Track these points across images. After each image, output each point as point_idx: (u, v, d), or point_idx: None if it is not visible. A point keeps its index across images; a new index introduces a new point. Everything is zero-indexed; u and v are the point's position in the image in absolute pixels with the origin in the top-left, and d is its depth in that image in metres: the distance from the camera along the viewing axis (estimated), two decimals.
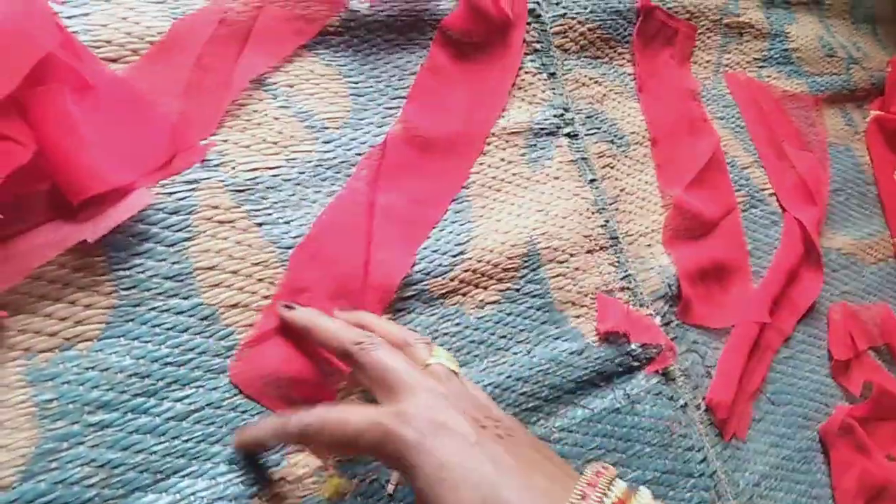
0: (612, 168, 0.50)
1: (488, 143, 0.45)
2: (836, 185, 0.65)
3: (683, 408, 0.46)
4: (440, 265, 0.40)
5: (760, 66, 0.64)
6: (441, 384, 0.30)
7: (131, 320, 0.32)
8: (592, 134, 0.50)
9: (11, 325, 0.29)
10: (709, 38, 0.61)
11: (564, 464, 0.29)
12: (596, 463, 0.27)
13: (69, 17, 0.34)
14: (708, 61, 0.61)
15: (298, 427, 0.29)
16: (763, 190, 0.59)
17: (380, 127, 0.41)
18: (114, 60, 0.35)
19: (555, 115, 0.48)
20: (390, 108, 0.42)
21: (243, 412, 0.33)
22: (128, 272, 0.32)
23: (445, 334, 0.39)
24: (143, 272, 0.32)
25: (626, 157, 0.52)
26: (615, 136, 0.52)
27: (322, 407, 0.30)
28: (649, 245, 0.50)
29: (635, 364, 0.45)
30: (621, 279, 0.47)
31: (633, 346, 0.45)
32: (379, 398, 0.30)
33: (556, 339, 0.43)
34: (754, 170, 0.59)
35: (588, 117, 0.50)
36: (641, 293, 0.47)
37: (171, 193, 0.34)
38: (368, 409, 0.29)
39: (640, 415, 0.44)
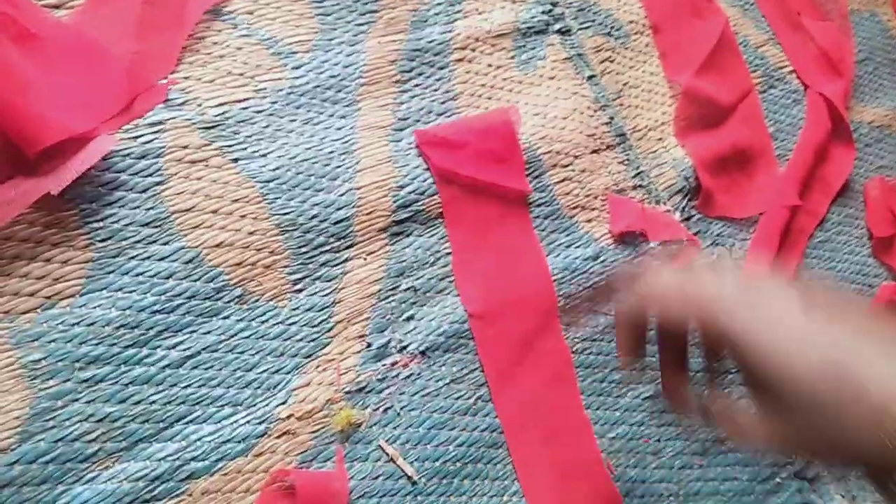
0: (611, 62, 0.47)
1: (472, 50, 0.42)
2: (862, 54, 0.60)
3: None
4: (434, 183, 0.38)
5: None
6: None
7: (112, 272, 0.31)
8: (586, 27, 0.47)
9: None
10: None
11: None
12: None
13: None
14: None
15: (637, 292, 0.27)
16: (781, 68, 0.55)
17: (351, 45, 0.39)
18: (56, 7, 0.33)
19: (542, 12, 0.45)
20: (360, 24, 0.39)
21: (241, 353, 0.32)
22: (101, 223, 0.31)
23: (447, 254, 0.37)
24: (117, 222, 0.31)
25: (626, 48, 0.48)
26: (612, 27, 0.48)
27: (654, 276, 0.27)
28: (660, 139, 0.47)
29: (656, 263, 0.42)
30: (633, 177, 0.44)
31: (651, 244, 0.42)
32: None
33: (568, 246, 0.41)
34: (769, 47, 0.55)
35: (580, 10, 0.47)
36: (656, 189, 0.44)
37: (136, 138, 0.32)
38: (697, 294, 0.25)
39: None
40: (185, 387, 0.30)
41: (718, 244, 0.46)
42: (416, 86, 0.40)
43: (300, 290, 0.34)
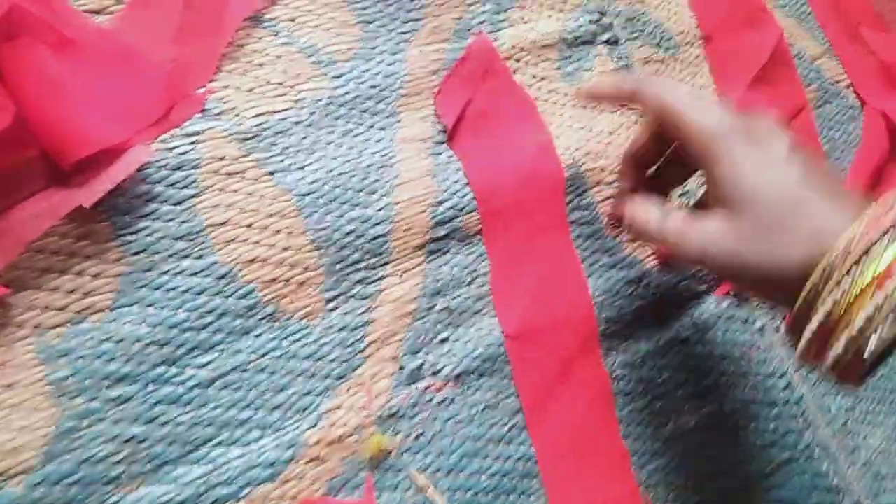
0: (660, 73, 0.45)
1: (517, 60, 0.41)
2: None
3: (760, 331, 0.42)
4: (473, 199, 0.37)
5: None
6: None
7: (143, 286, 0.30)
8: (635, 38, 0.45)
9: (17, 302, 0.28)
10: None
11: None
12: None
13: None
14: None
15: (634, 88, 0.31)
16: (838, 82, 0.52)
17: (393, 54, 0.37)
18: (97, 12, 0.32)
19: (590, 21, 0.43)
20: (403, 33, 0.38)
21: (272, 373, 0.31)
22: (134, 236, 0.30)
23: (485, 273, 0.36)
24: (150, 235, 0.30)
25: (675, 60, 0.46)
26: (661, 37, 0.46)
27: (656, 84, 0.31)
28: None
29: (702, 288, 0.41)
30: (679, 195, 0.42)
31: (698, 268, 0.40)
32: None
33: (611, 268, 0.39)
34: (826, 60, 0.52)
35: (629, 20, 0.45)
36: None
37: (171, 148, 0.32)
38: (696, 96, 0.29)
39: (712, 343, 0.40)
40: (214, 408, 0.30)
41: None
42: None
43: (333, 309, 0.33)
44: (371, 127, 0.36)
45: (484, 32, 0.40)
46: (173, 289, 0.30)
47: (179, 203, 0.31)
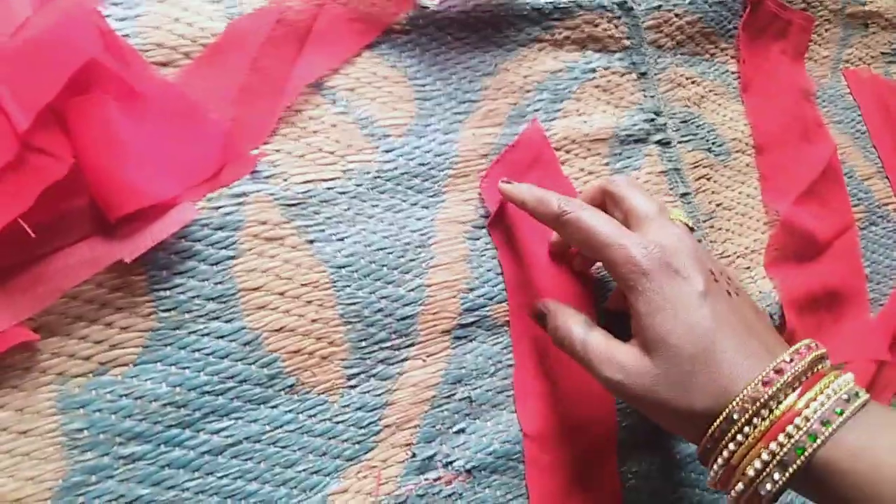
0: (708, 180, 0.45)
1: (567, 152, 0.41)
2: None
3: None
4: (504, 289, 0.36)
5: (889, 62, 0.56)
6: (682, 233, 0.31)
7: (170, 344, 0.30)
8: (687, 141, 0.45)
9: (45, 347, 0.28)
10: (827, 30, 0.54)
11: (780, 336, 0.30)
12: (809, 340, 0.28)
13: (120, 20, 0.32)
14: (825, 57, 0.53)
15: (559, 211, 0.31)
16: (887, 204, 0.52)
17: (446, 134, 0.38)
18: (164, 65, 0.33)
19: (645, 120, 0.43)
20: (458, 114, 0.38)
21: (283, 447, 0.31)
22: (168, 292, 0.30)
23: (510, 366, 0.36)
24: (184, 293, 0.30)
25: (725, 166, 0.46)
26: (713, 143, 0.46)
27: (583, 206, 0.31)
28: (748, 267, 0.44)
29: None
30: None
31: None
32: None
33: None
34: (876, 181, 0.52)
35: (683, 122, 0.45)
36: None
37: (217, 208, 0.32)
38: (618, 229, 0.30)
39: None
40: (221, 477, 0.29)
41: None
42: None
43: (353, 387, 0.33)
44: (415, 204, 0.36)
45: (538, 119, 0.40)
46: (198, 350, 0.30)
47: (216, 264, 0.31)
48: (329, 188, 0.34)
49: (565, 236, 0.32)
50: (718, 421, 0.26)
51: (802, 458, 0.25)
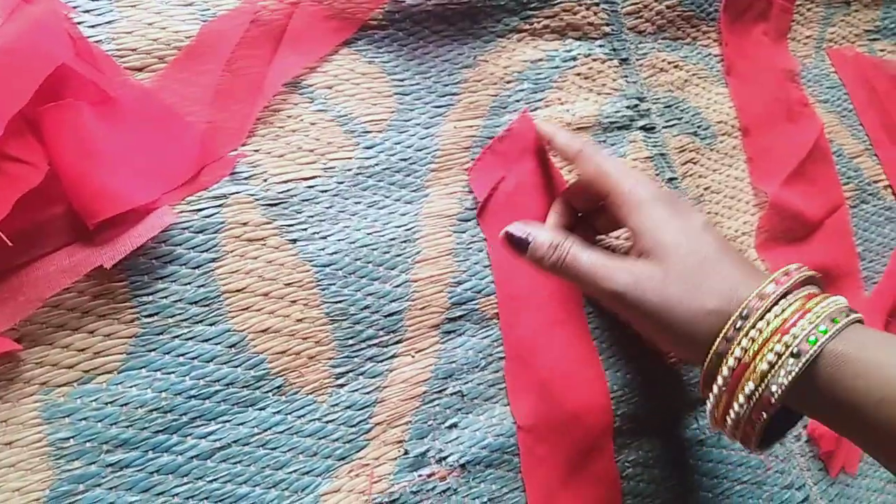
0: (694, 164, 0.45)
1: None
2: None
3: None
4: (492, 281, 0.36)
5: (872, 39, 0.56)
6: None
7: (154, 350, 0.30)
8: (672, 126, 0.44)
9: (28, 357, 0.28)
10: (809, 10, 0.54)
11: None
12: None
13: (92, 27, 0.32)
14: (808, 37, 0.53)
15: (581, 146, 0.34)
16: (876, 182, 0.51)
17: (427, 128, 0.38)
18: (139, 69, 0.32)
19: (627, 107, 0.43)
20: (439, 107, 0.38)
21: (273, 449, 0.30)
22: (150, 297, 0.30)
23: (500, 358, 0.35)
24: (166, 297, 0.30)
25: (711, 150, 0.46)
26: (699, 126, 0.46)
27: (598, 152, 0.34)
28: (739, 250, 0.44)
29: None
30: None
31: None
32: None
33: (630, 361, 0.38)
34: (865, 159, 0.51)
35: (667, 107, 0.45)
36: None
37: (197, 210, 0.32)
38: (628, 168, 0.33)
39: (729, 447, 0.39)
40: (211, 481, 0.29)
41: None
42: None
43: (342, 385, 0.32)
44: (398, 200, 0.36)
45: (528, 111, 0.40)
46: (183, 354, 0.30)
47: (198, 267, 0.31)
48: (310, 187, 0.34)
49: (581, 169, 0.34)
50: (734, 317, 0.27)
51: (815, 347, 0.25)
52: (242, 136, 0.34)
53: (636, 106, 0.43)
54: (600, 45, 0.43)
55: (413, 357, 0.34)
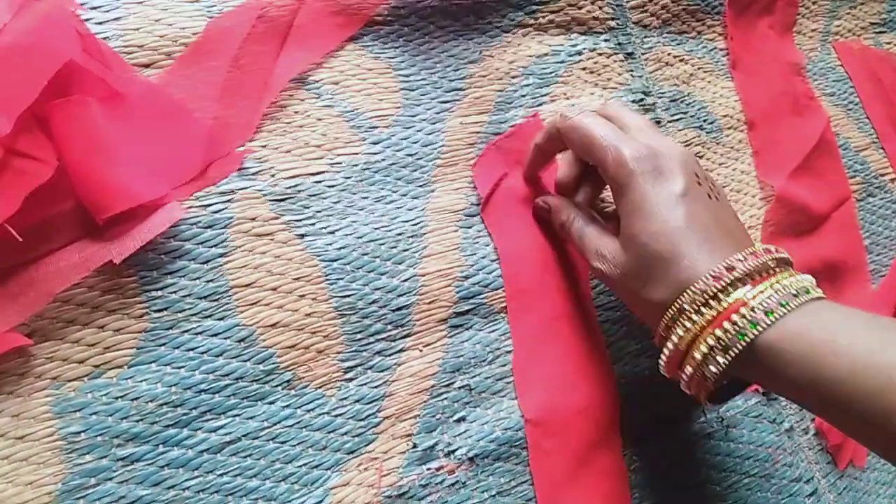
0: (701, 157, 0.45)
1: None
2: None
3: (788, 432, 0.40)
4: (500, 276, 0.36)
5: (878, 32, 0.56)
6: (672, 142, 0.33)
7: (163, 344, 0.30)
8: (677, 120, 0.44)
9: (38, 352, 0.28)
10: (814, 3, 0.53)
11: (753, 243, 0.31)
12: (772, 245, 0.30)
13: (100, 24, 0.32)
14: (814, 30, 0.53)
15: (561, 118, 0.34)
16: (882, 175, 0.51)
17: (433, 123, 0.38)
18: (147, 66, 0.33)
19: (633, 101, 0.43)
20: (445, 102, 0.38)
21: (283, 443, 0.30)
22: (160, 292, 0.30)
23: (508, 352, 0.35)
24: (175, 292, 0.30)
25: (717, 144, 0.46)
26: (705, 120, 0.46)
27: (585, 113, 0.34)
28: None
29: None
30: None
31: None
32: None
33: (639, 355, 0.38)
34: (872, 152, 0.51)
35: (672, 101, 0.45)
36: None
37: (205, 206, 0.32)
38: (614, 132, 0.32)
39: (737, 441, 0.39)
40: (221, 475, 0.29)
41: None
42: None
43: (351, 379, 0.32)
44: (405, 195, 0.36)
45: (539, 115, 0.40)
46: (193, 349, 0.30)
47: (207, 262, 0.31)
48: (317, 182, 0.34)
49: (568, 143, 0.34)
50: (671, 311, 0.29)
51: (742, 342, 0.27)
52: (250, 132, 0.34)
53: (642, 100, 0.43)
54: (605, 40, 0.43)
55: (421, 351, 0.34)
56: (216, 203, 0.32)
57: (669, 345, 0.29)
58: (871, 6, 0.56)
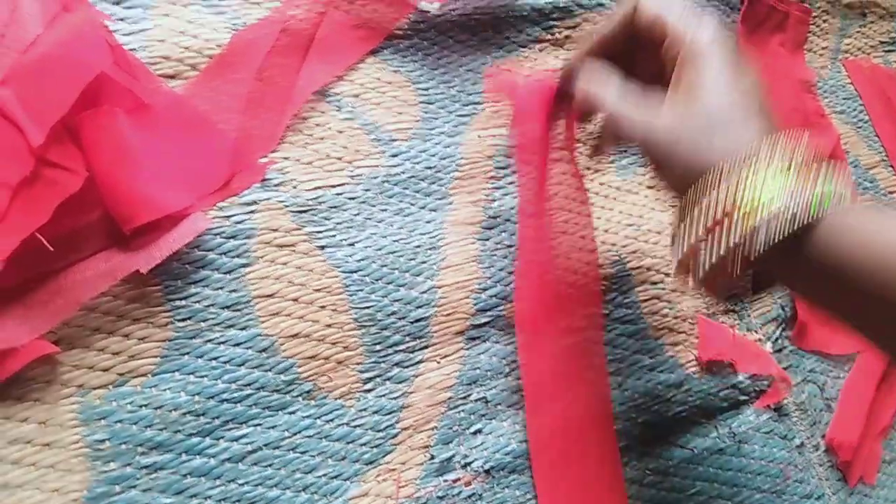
0: None
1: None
2: None
3: (800, 448, 0.40)
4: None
5: (888, 51, 0.56)
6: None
7: (187, 353, 0.30)
8: None
9: (65, 360, 0.28)
10: (825, 21, 0.54)
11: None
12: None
13: (126, 35, 0.32)
14: (824, 48, 0.54)
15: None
16: (892, 193, 0.52)
17: (451, 136, 0.38)
18: (172, 77, 0.33)
19: None
20: (462, 116, 0.39)
21: (303, 453, 0.31)
22: (184, 302, 0.30)
23: (524, 364, 0.36)
24: (199, 301, 0.31)
25: None
26: None
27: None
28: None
29: (743, 398, 0.40)
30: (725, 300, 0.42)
31: (739, 378, 0.40)
32: None
33: (651, 370, 0.38)
34: (881, 170, 0.52)
35: None
36: (749, 316, 0.42)
37: (228, 217, 0.32)
38: (696, 22, 0.30)
39: (749, 456, 0.39)
40: (242, 484, 0.29)
41: (811, 381, 0.42)
42: (510, 183, 0.39)
43: (370, 390, 0.33)
44: (423, 208, 0.36)
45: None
46: (215, 358, 0.30)
47: (230, 272, 0.31)
48: (338, 194, 0.35)
49: (642, 13, 0.32)
50: (750, 159, 0.26)
51: (818, 214, 0.24)
52: (273, 144, 0.34)
53: None
54: None
55: (439, 363, 0.34)
56: (239, 214, 0.32)
57: (725, 202, 0.26)
58: (881, 25, 0.57)
